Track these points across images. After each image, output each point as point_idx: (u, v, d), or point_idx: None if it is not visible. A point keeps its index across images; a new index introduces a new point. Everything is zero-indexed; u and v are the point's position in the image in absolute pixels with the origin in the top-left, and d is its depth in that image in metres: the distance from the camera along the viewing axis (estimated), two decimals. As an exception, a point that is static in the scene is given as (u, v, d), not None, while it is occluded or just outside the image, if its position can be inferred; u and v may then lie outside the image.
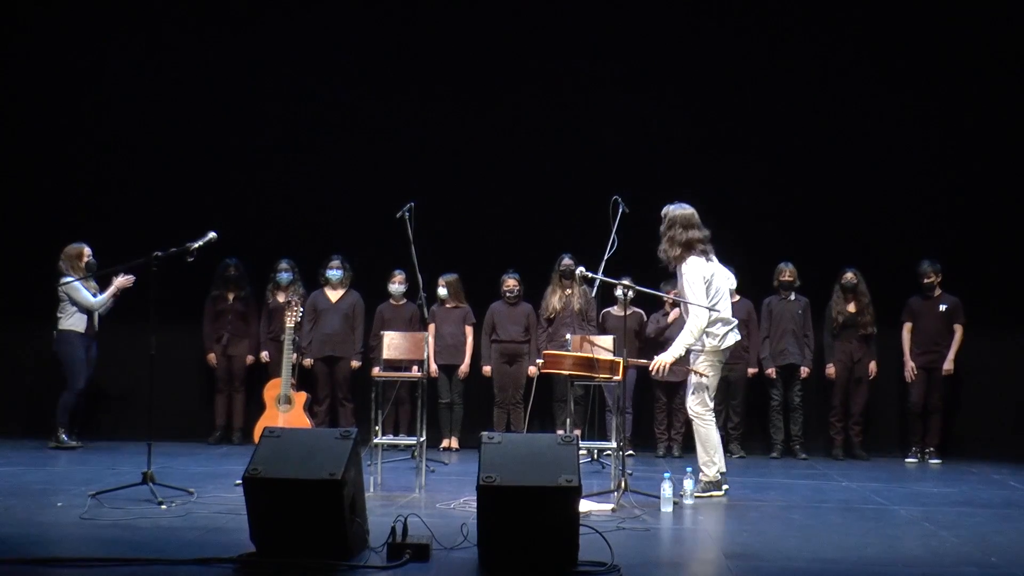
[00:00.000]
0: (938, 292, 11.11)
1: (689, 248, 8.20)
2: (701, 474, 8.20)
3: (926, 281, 11.09)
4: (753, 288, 11.06)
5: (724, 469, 8.30)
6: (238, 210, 11.61)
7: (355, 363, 11.29)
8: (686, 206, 8.36)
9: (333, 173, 11.89)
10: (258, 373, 11.42)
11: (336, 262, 11.26)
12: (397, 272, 11.19)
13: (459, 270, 11.39)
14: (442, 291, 11.23)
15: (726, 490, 8.21)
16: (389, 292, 11.28)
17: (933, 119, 11.61)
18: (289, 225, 11.82)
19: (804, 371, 11.19)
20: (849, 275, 11.14)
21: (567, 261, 10.96)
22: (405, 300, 11.27)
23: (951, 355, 11.04)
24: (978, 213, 11.54)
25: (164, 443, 9.93)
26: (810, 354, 11.22)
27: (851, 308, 11.13)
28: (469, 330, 11.36)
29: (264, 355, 11.39)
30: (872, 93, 11.70)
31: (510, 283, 11.21)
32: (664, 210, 8.41)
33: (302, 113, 12.01)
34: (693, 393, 8.32)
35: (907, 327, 11.20)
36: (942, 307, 11.09)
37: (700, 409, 8.27)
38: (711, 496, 8.09)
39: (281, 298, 11.13)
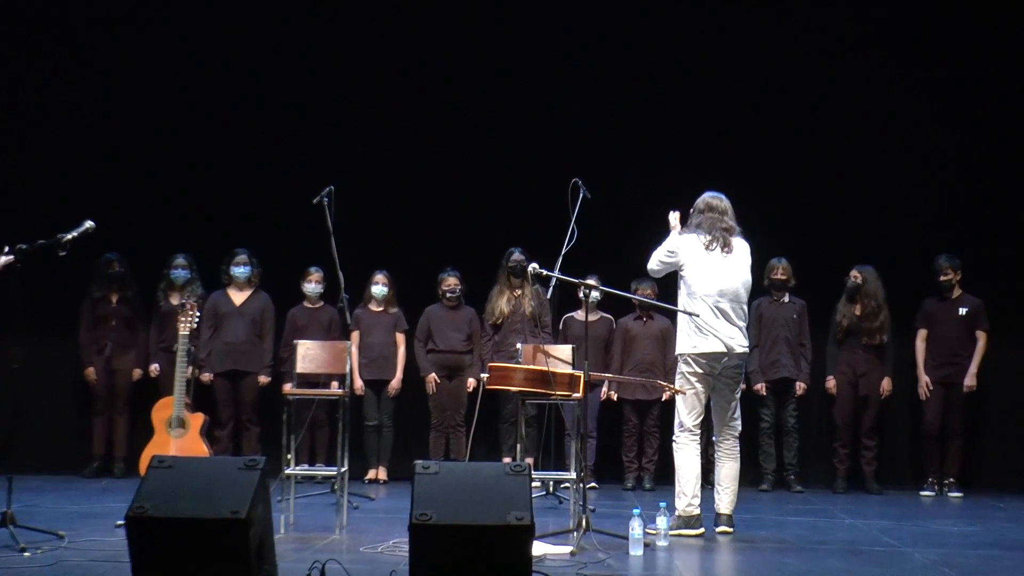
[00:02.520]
0: (957, 293, 11.21)
1: (697, 227, 8.36)
2: (675, 509, 8.25)
3: (943, 279, 11.18)
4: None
5: (724, 509, 8.34)
6: (122, 196, 11.54)
7: (263, 378, 11.24)
8: (718, 195, 8.51)
9: (238, 152, 11.84)
10: (146, 391, 11.33)
11: (243, 257, 11.19)
12: (313, 270, 11.17)
13: (387, 267, 11.37)
14: (381, 289, 11.20)
15: (703, 532, 8.24)
16: (303, 293, 11.25)
17: (950, 96, 11.73)
18: (184, 213, 11.75)
19: (800, 387, 11.26)
20: (853, 273, 11.21)
21: (517, 256, 10.97)
22: (322, 303, 11.25)
23: (973, 368, 11.13)
24: (1004, 202, 11.67)
25: (29, 477, 9.86)
26: (807, 367, 11.30)
27: (856, 311, 11.20)
28: (401, 338, 11.36)
29: (153, 368, 11.32)
30: (881, 67, 11.80)
31: (450, 282, 11.21)
32: None
33: (200, 83, 11.96)
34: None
35: (921, 334, 11.29)
36: (962, 310, 11.18)
37: (675, 428, 8.36)
38: (681, 535, 8.13)
39: (175, 300, 11.06)
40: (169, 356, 10.79)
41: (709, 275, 8.27)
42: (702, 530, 8.25)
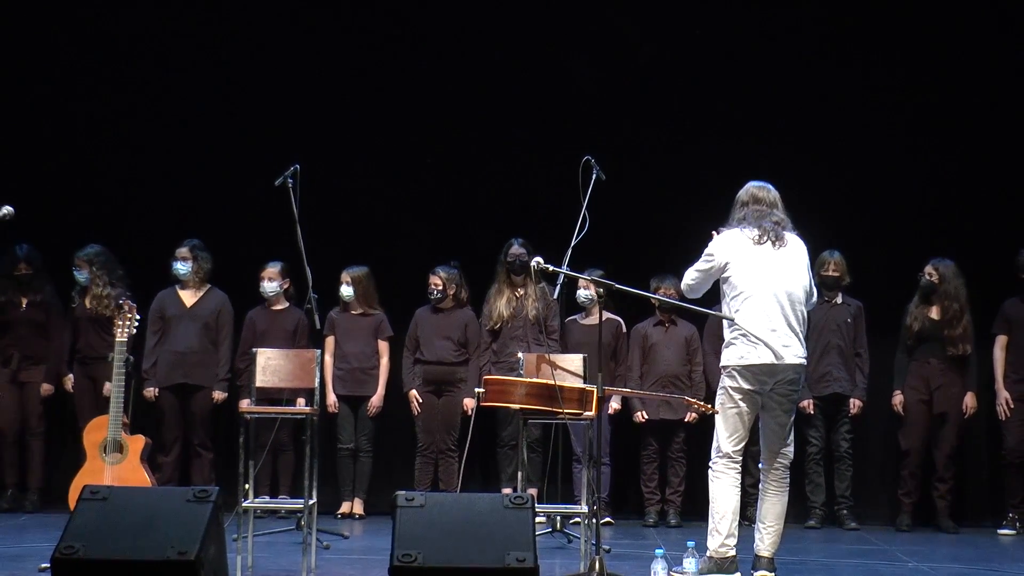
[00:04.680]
0: None
1: (740, 221, 8.21)
2: (707, 548, 8.23)
3: None
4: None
5: (765, 551, 8.31)
6: (50, 177, 11.58)
7: (218, 394, 11.20)
8: (765, 185, 8.34)
9: (186, 125, 11.81)
10: (63, 409, 11.35)
11: (183, 250, 11.06)
12: (270, 265, 11.13)
13: (367, 261, 11.36)
14: (346, 290, 11.17)
15: None
16: (262, 293, 11.20)
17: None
18: (126, 197, 11.75)
19: (855, 404, 11.23)
20: (928, 269, 11.14)
21: (516, 249, 10.93)
22: (287, 304, 11.21)
23: None
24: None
25: None
26: (864, 381, 11.28)
27: (933, 315, 11.18)
28: (384, 347, 11.34)
29: (68, 379, 11.19)
30: (952, 32, 11.77)
31: (435, 281, 11.16)
32: None
33: (139, 44, 11.93)
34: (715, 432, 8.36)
35: (1000, 342, 11.26)
36: None
37: (712, 454, 8.26)
38: None
39: (89, 303, 10.97)
40: (84, 368, 10.98)
41: (759, 273, 8.06)
42: (738, 575, 8.24)
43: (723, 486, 8.18)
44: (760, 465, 8.37)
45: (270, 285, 11.14)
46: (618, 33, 11.83)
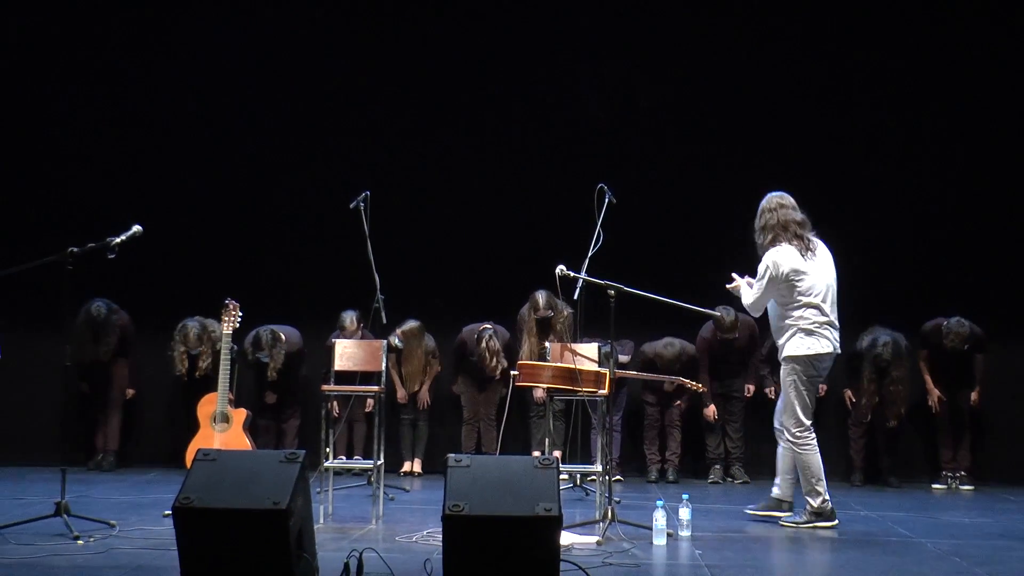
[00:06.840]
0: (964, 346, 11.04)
1: (785, 230, 8.27)
2: (807, 504, 8.29)
3: (951, 345, 10.95)
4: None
5: (783, 495, 8.46)
6: (172, 195, 11.72)
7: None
8: (782, 193, 8.45)
9: (268, 166, 11.91)
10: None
11: (263, 353, 11.00)
12: (350, 321, 11.05)
13: (420, 270, 11.45)
14: (395, 340, 10.89)
15: (836, 524, 8.31)
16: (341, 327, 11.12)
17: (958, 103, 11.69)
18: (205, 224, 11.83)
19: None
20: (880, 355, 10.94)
21: (541, 301, 10.84)
22: (360, 331, 11.08)
23: (977, 390, 11.14)
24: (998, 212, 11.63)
25: (79, 470, 10.13)
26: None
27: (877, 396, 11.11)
28: (434, 361, 11.45)
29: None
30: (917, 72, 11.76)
31: (486, 356, 11.07)
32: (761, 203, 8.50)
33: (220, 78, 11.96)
34: (784, 411, 8.36)
35: (923, 354, 11.25)
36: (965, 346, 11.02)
37: (796, 431, 8.31)
38: (816, 528, 8.20)
39: (197, 369, 11.03)
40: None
41: (813, 280, 8.25)
42: (836, 521, 8.31)
43: (814, 453, 8.30)
44: (776, 426, 8.48)
45: (351, 330, 11.00)
46: (626, 77, 11.85)
